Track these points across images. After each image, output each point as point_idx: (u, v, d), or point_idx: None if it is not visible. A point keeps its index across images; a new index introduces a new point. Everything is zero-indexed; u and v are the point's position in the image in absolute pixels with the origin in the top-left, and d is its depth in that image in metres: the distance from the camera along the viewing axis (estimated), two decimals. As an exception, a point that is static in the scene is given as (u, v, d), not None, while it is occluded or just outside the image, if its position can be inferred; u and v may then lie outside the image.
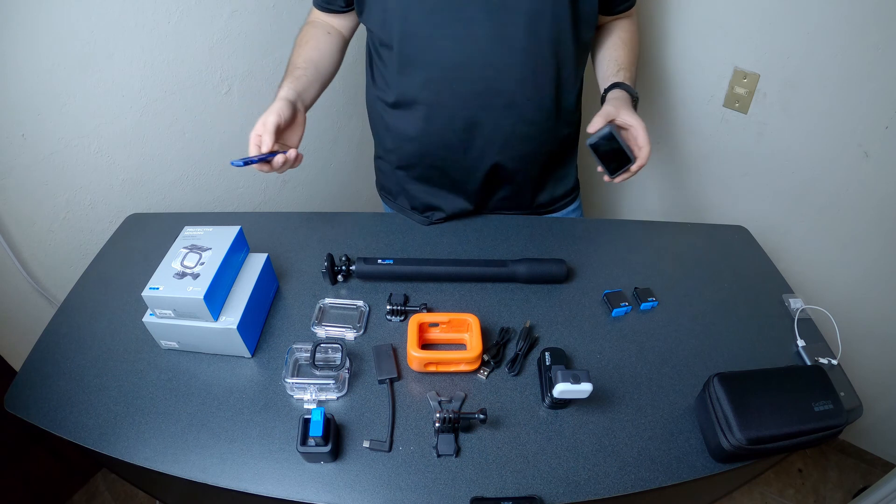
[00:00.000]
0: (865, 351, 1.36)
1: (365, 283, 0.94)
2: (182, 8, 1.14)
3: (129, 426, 0.73)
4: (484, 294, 0.92)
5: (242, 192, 1.49)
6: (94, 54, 1.04)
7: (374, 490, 0.67)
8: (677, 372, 0.81)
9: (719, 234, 1.09)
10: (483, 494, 0.66)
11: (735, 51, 1.24)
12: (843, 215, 1.25)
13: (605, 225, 1.10)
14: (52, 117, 1.03)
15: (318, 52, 0.97)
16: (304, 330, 0.86)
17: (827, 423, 0.67)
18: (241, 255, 0.85)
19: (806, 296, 0.94)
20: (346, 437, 0.72)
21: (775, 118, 1.24)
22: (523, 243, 1.03)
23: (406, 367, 0.80)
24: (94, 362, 0.81)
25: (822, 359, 0.83)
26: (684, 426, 0.74)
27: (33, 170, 1.05)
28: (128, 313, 0.87)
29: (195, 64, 1.22)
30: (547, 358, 0.78)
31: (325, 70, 0.99)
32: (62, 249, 1.16)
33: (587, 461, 0.70)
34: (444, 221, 1.08)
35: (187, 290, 0.73)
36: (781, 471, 1.61)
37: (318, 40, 0.98)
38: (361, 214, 1.12)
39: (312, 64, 0.95)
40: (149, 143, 1.21)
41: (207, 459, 0.69)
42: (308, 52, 0.96)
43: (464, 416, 0.70)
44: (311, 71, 0.95)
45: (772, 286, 0.97)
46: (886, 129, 1.10)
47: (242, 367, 0.81)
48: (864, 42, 1.05)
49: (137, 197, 1.25)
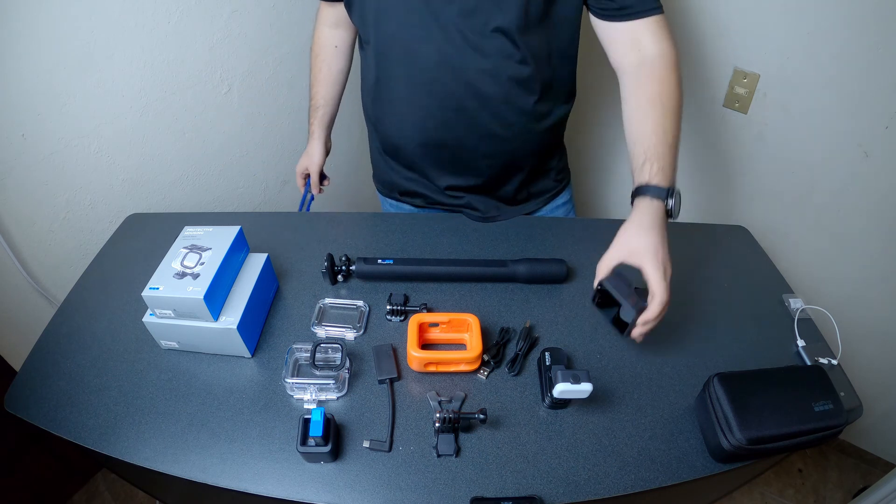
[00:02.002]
0: (865, 351, 1.36)
1: (365, 283, 0.94)
2: (182, 8, 1.14)
3: (129, 426, 0.73)
4: (484, 294, 0.92)
5: (242, 192, 1.49)
6: (94, 54, 1.04)
7: (374, 490, 0.67)
8: (677, 372, 0.81)
9: (719, 234, 1.09)
10: (483, 494, 0.66)
11: (735, 51, 1.24)
12: (843, 215, 1.25)
13: (605, 225, 1.10)
14: (52, 117, 1.03)
15: (331, 78, 1.10)
16: (304, 330, 0.86)
17: (827, 423, 0.67)
18: (241, 255, 0.85)
19: (806, 296, 0.94)
20: (346, 437, 0.72)
21: (775, 118, 1.24)
22: (523, 243, 1.03)
23: (406, 367, 0.80)
24: (94, 362, 0.81)
25: (822, 359, 0.83)
26: (684, 426, 0.74)
27: (33, 170, 1.05)
28: (128, 313, 0.87)
29: (195, 64, 1.22)
30: (547, 358, 0.77)
31: (340, 91, 1.14)
32: (62, 249, 1.16)
33: (587, 461, 0.70)
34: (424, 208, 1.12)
35: (187, 290, 0.73)
36: (781, 471, 1.61)
37: (329, 66, 1.09)
38: (361, 214, 1.12)
39: (330, 97, 1.12)
40: (149, 143, 1.21)
41: (207, 459, 0.69)
42: (323, 89, 1.10)
43: (464, 416, 0.70)
44: (330, 105, 1.12)
45: (772, 286, 0.97)
46: (886, 129, 1.10)
47: (242, 367, 0.81)
48: (864, 42, 1.05)
49: (137, 197, 1.25)
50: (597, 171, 1.73)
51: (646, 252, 0.73)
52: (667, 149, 0.79)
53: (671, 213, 0.77)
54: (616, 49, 0.86)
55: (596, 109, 1.58)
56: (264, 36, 1.34)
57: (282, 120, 1.49)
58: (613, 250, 0.77)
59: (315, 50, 1.09)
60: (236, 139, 1.40)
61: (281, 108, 1.47)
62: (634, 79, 0.84)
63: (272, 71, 1.40)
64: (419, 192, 1.09)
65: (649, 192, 0.77)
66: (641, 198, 0.78)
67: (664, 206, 0.77)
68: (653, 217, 0.75)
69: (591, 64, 1.15)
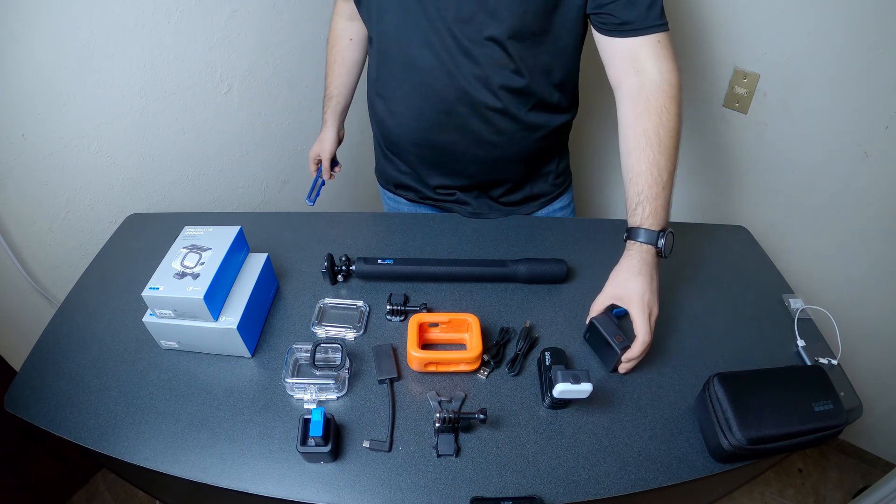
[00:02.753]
0: (865, 351, 1.36)
1: (365, 283, 0.94)
2: (182, 8, 1.14)
3: (129, 426, 0.73)
4: (484, 294, 0.92)
5: (242, 192, 1.49)
6: (94, 54, 1.04)
7: (374, 490, 0.67)
8: (677, 372, 0.81)
9: (719, 234, 1.09)
10: (483, 494, 0.66)
11: (735, 51, 1.24)
12: (843, 215, 1.25)
13: (605, 225, 1.10)
14: (52, 117, 1.03)
15: (346, 69, 1.12)
16: (304, 330, 0.86)
17: (827, 423, 0.67)
18: (241, 255, 0.85)
19: (806, 296, 0.94)
20: (346, 437, 0.72)
21: (775, 118, 1.24)
22: (523, 243, 1.03)
23: (406, 367, 0.80)
24: (94, 362, 0.81)
25: (822, 359, 0.83)
26: (684, 426, 0.74)
27: (33, 170, 1.05)
28: (128, 313, 0.87)
29: (195, 64, 1.22)
30: (547, 358, 0.77)
31: (354, 82, 1.15)
32: (62, 249, 1.16)
33: (587, 461, 0.70)
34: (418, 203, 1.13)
35: (187, 290, 0.73)
36: (781, 471, 1.61)
37: (344, 57, 1.10)
38: (361, 214, 1.12)
39: (344, 87, 1.13)
40: (149, 143, 1.21)
41: (207, 459, 0.69)
42: (338, 79, 1.12)
43: (464, 416, 0.70)
44: (343, 95, 1.14)
45: (772, 286, 0.97)
46: (886, 129, 1.10)
47: (242, 367, 0.81)
48: (864, 42, 1.05)
49: (137, 197, 1.25)
50: (597, 170, 1.73)
51: (632, 297, 0.76)
52: (660, 190, 0.79)
53: (662, 252, 0.79)
54: (615, 66, 0.84)
55: (598, 109, 1.58)
56: (264, 36, 1.34)
57: (282, 120, 1.49)
58: (604, 293, 0.81)
59: (331, 41, 1.11)
60: (236, 139, 1.40)
61: (281, 108, 1.47)
62: (632, 106, 0.82)
63: (272, 71, 1.40)
64: (412, 187, 1.10)
65: (640, 237, 0.79)
66: (633, 242, 0.80)
67: (655, 248, 0.79)
68: (641, 261, 0.78)
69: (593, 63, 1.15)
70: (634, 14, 0.79)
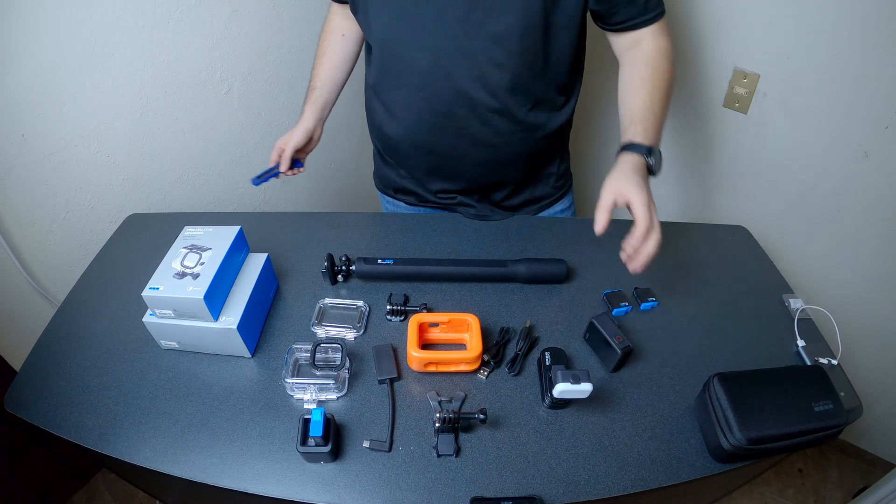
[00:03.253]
0: (865, 351, 1.36)
1: (365, 283, 0.94)
2: (182, 8, 1.14)
3: (129, 426, 0.73)
4: (484, 294, 0.92)
5: (242, 192, 1.49)
6: (94, 54, 1.04)
7: (374, 490, 0.67)
8: (677, 372, 0.81)
9: (719, 234, 1.09)
10: (483, 494, 0.66)
11: (735, 51, 1.24)
12: (843, 215, 1.25)
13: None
14: (52, 117, 1.03)
15: (333, 63, 1.07)
16: (304, 330, 0.86)
17: (827, 423, 0.67)
18: (241, 255, 0.85)
19: (806, 296, 0.94)
20: (346, 437, 0.72)
21: (775, 118, 1.24)
22: (523, 243, 1.03)
23: (406, 367, 0.80)
24: (94, 362, 0.81)
25: (822, 359, 0.83)
26: (684, 426, 0.74)
27: (33, 170, 1.05)
28: (128, 313, 0.87)
29: (195, 64, 1.22)
30: (547, 358, 0.78)
31: (341, 78, 1.09)
32: (62, 249, 1.16)
33: (587, 461, 0.70)
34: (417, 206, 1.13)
35: (187, 290, 0.73)
36: (781, 471, 1.61)
37: (333, 50, 1.06)
38: (361, 214, 1.12)
39: (329, 80, 1.07)
40: (149, 143, 1.21)
41: (207, 459, 0.69)
42: (324, 71, 1.06)
43: (464, 416, 0.70)
44: (326, 89, 1.07)
45: (772, 286, 0.97)
46: (886, 129, 1.10)
47: (242, 367, 0.81)
48: (864, 42, 1.05)
49: (137, 197, 1.25)
50: (597, 170, 1.73)
51: (630, 188, 0.77)
52: (652, 118, 0.84)
53: (652, 169, 0.82)
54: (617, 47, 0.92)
55: (599, 109, 1.58)
56: (264, 36, 1.34)
57: (282, 120, 1.49)
58: (604, 196, 0.78)
59: (323, 35, 1.08)
60: (236, 139, 1.40)
61: (281, 109, 1.47)
62: (629, 64, 0.90)
63: (272, 71, 1.40)
64: (412, 191, 1.10)
65: (632, 149, 0.82)
66: (624, 153, 0.83)
67: (645, 161, 0.81)
68: (634, 167, 0.80)
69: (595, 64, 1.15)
70: (635, 10, 0.85)
